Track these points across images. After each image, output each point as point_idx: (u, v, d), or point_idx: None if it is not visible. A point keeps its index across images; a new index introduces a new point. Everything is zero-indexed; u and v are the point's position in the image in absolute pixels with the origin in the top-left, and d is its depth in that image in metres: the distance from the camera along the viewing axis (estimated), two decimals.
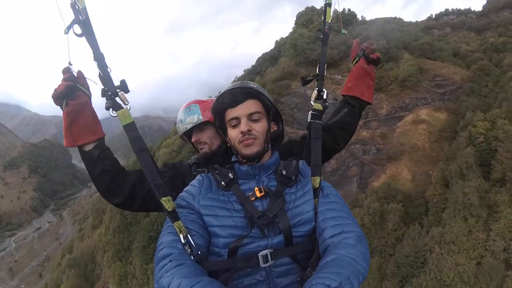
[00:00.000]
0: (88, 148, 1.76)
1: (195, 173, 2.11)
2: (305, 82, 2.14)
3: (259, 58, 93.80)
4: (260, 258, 1.53)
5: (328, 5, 2.02)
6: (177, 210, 1.57)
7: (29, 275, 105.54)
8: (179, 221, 1.51)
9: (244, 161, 1.76)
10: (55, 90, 1.65)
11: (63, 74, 1.67)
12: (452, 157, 31.56)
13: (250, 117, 1.71)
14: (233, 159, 1.86)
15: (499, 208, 26.50)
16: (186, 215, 1.58)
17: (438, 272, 26.69)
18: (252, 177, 1.73)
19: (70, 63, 1.65)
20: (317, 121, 1.99)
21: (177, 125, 2.47)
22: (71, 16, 1.58)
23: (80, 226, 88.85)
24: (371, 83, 2.17)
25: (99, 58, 1.60)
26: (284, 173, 1.71)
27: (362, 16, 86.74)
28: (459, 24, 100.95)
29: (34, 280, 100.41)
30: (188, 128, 2.36)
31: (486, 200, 27.03)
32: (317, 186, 1.73)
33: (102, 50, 1.61)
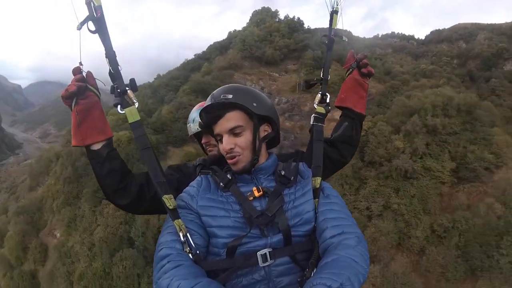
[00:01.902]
0: (96, 147, 1.74)
1: (199, 174, 1.97)
2: (308, 85, 2.14)
3: (210, 45, 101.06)
4: (259, 257, 1.53)
5: (334, 12, 2.04)
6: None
7: None
8: (180, 220, 1.54)
9: None
10: (67, 90, 1.64)
11: (74, 75, 1.69)
12: None
13: (231, 131, 1.68)
14: None
15: (367, 180, 36.18)
16: (185, 215, 1.60)
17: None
18: (249, 181, 1.74)
19: (81, 63, 1.68)
20: (320, 124, 1.98)
21: (188, 124, 2.54)
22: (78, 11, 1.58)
23: (14, 189, 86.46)
24: (364, 94, 2.17)
25: (111, 55, 1.62)
26: (283, 173, 1.72)
27: (308, 26, 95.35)
28: (400, 47, 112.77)
29: None
30: (199, 129, 2.40)
31: (359, 174, 36.76)
32: (317, 186, 1.74)
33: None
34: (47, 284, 43.21)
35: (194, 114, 2.49)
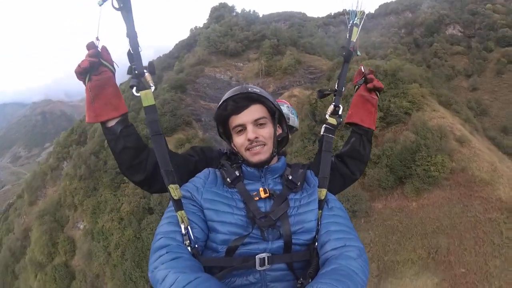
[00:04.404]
0: (110, 124, 1.78)
1: (221, 162, 2.03)
2: (322, 95, 2.24)
3: (176, 44, 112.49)
4: (257, 261, 1.59)
5: (355, 25, 2.18)
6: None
7: None
8: (183, 211, 1.59)
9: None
10: (79, 65, 1.67)
11: (88, 50, 1.71)
12: (303, 113, 51.59)
13: (255, 122, 1.79)
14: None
15: (319, 134, 48.70)
16: (188, 206, 1.66)
17: None
18: (257, 179, 1.82)
19: (97, 38, 1.70)
20: (330, 135, 2.07)
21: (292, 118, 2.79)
22: None
23: (6, 214, 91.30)
24: (372, 109, 2.21)
25: (132, 35, 1.66)
26: (290, 178, 1.81)
27: (263, 15, 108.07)
28: (363, 19, 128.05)
29: None
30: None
31: (314, 131, 47.19)
32: (323, 198, 1.82)
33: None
34: (85, 263, 52.13)
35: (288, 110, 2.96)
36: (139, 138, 1.87)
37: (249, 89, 1.83)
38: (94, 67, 1.71)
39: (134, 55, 1.71)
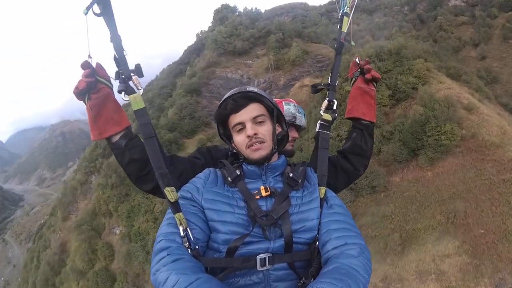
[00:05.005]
0: (115, 139, 1.82)
1: (222, 161, 1.97)
2: (316, 90, 2.24)
3: (185, 50, 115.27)
4: (258, 261, 1.58)
5: (345, 14, 2.10)
6: (180, 202, 1.62)
7: None
8: (180, 213, 1.57)
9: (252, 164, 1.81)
10: (76, 87, 1.68)
11: (83, 69, 1.70)
12: (315, 100, 54.16)
13: (254, 120, 1.77)
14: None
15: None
16: (188, 207, 1.64)
17: None
18: (258, 177, 1.79)
19: (90, 56, 1.68)
20: (325, 132, 2.05)
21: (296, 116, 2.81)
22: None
23: (40, 233, 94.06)
24: (371, 101, 2.17)
25: (116, 39, 1.65)
26: (291, 175, 1.78)
27: (265, 10, 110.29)
28: (355, 6, 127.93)
29: None
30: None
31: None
32: (322, 196, 1.79)
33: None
34: (125, 264, 54.71)
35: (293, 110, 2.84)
36: (144, 149, 1.83)
37: (247, 88, 1.83)
38: (91, 86, 1.73)
39: (119, 59, 1.71)
